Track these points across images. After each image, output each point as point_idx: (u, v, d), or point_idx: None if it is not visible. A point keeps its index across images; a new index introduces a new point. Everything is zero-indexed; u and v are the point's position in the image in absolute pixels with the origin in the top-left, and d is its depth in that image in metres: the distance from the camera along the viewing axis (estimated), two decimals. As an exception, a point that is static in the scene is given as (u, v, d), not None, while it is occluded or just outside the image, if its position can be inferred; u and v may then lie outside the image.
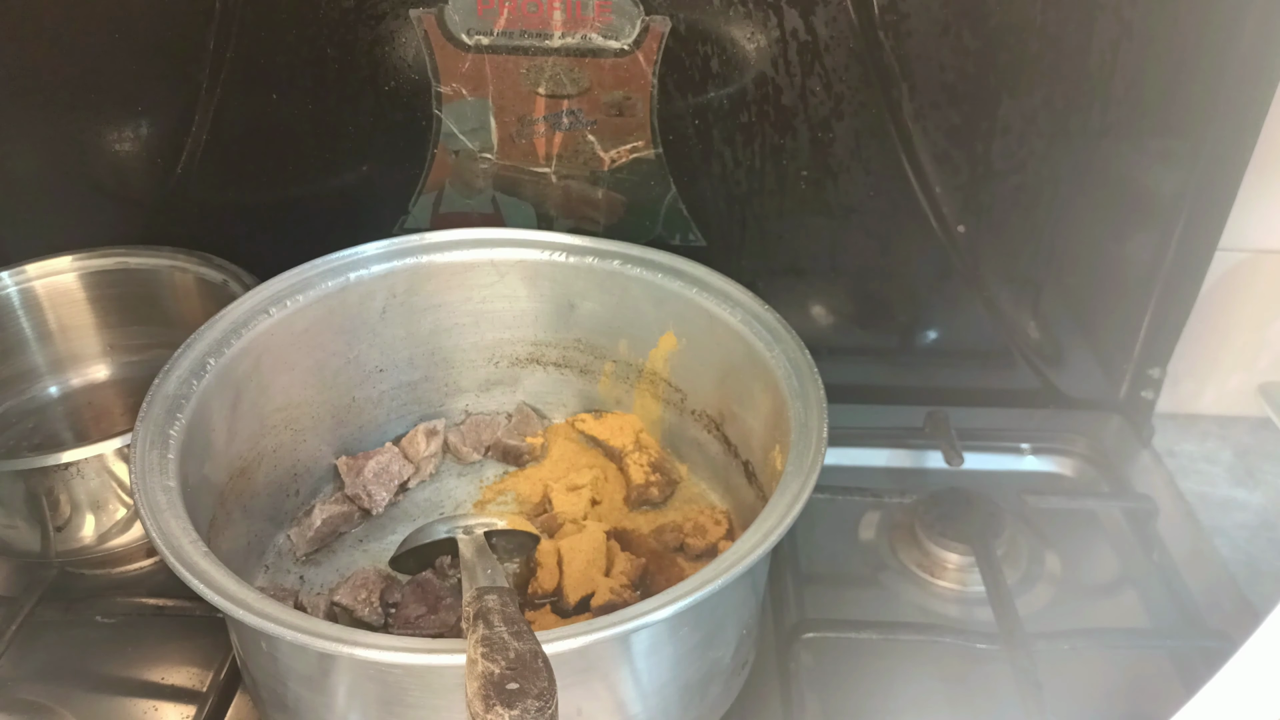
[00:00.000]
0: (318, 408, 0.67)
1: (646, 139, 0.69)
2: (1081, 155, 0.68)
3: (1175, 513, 0.72)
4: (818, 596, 0.65)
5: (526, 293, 0.70)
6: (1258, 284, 0.77)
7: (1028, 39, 0.63)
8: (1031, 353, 0.78)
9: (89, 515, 0.62)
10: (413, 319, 0.69)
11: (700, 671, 0.52)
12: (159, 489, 0.50)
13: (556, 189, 0.72)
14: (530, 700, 0.38)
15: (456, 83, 0.68)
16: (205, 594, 0.44)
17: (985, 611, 0.62)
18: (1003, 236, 0.72)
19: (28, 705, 0.59)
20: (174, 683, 0.60)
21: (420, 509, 0.69)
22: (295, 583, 0.63)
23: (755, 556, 0.46)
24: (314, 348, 0.65)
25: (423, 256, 0.68)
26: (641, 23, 0.64)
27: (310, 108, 0.70)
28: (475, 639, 0.41)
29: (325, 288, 0.64)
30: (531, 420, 0.73)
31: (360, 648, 0.42)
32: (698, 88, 0.67)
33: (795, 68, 0.66)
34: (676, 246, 0.72)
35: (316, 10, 0.66)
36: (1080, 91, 0.65)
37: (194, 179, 0.73)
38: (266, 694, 0.52)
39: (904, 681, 0.60)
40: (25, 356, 0.77)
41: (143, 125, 0.72)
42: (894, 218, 0.71)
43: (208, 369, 0.58)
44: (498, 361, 0.73)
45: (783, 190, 0.71)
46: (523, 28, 0.65)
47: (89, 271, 0.76)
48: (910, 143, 0.68)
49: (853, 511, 0.72)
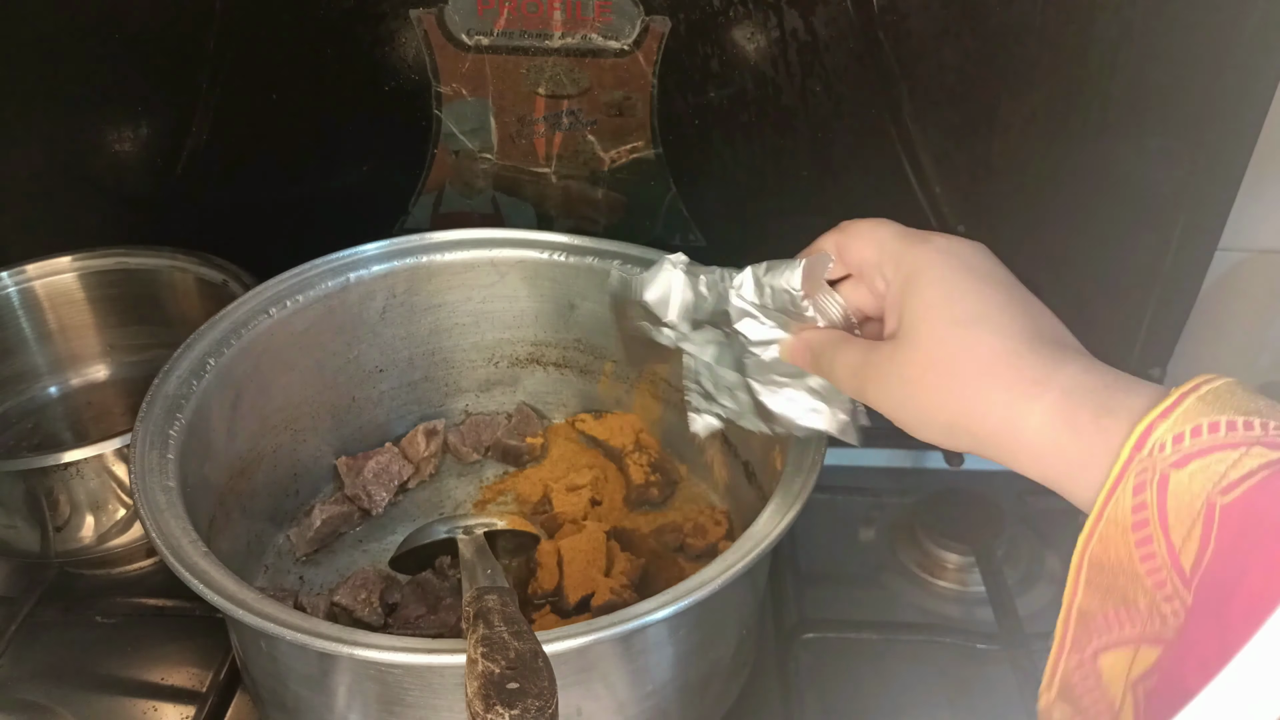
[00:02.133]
0: (318, 408, 0.67)
1: (646, 139, 0.69)
2: (1081, 155, 0.68)
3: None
4: (818, 596, 0.65)
5: (527, 293, 0.70)
6: (1258, 284, 0.77)
7: (1028, 39, 0.63)
8: (1031, 353, 0.78)
9: (89, 515, 0.62)
10: (413, 319, 0.69)
11: (700, 671, 0.52)
12: (159, 489, 0.50)
13: (556, 189, 0.72)
14: (531, 700, 0.38)
15: (456, 83, 0.68)
16: (205, 594, 0.44)
17: (985, 611, 0.62)
18: (1003, 236, 0.72)
19: (28, 705, 0.59)
20: (174, 683, 0.60)
21: (420, 509, 0.69)
22: (295, 583, 0.63)
23: (755, 556, 0.46)
24: (314, 348, 0.65)
25: (423, 256, 0.68)
26: (641, 23, 0.64)
27: (310, 108, 0.70)
28: (475, 639, 0.41)
29: (325, 288, 0.64)
30: (531, 420, 0.73)
31: (360, 648, 0.42)
32: (698, 88, 0.67)
33: (795, 68, 0.66)
34: (676, 246, 0.72)
35: (316, 11, 0.65)
36: (1080, 91, 0.65)
37: (194, 179, 0.73)
38: (266, 694, 0.52)
39: (904, 681, 0.60)
40: (25, 356, 0.77)
41: (142, 125, 0.72)
42: (894, 218, 0.71)
43: (208, 369, 0.58)
44: (498, 361, 0.73)
45: (783, 190, 0.71)
46: (523, 28, 0.65)
47: (89, 271, 0.76)
48: (910, 143, 0.68)
49: (853, 511, 0.72)
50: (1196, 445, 0.33)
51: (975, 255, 0.42)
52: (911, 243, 0.43)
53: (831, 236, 0.47)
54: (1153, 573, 0.33)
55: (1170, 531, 0.33)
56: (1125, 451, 0.34)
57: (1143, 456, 0.34)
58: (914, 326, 0.40)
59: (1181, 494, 0.33)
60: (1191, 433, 0.33)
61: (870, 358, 0.42)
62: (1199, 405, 0.33)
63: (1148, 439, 0.34)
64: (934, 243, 0.42)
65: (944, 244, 0.42)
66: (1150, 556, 0.33)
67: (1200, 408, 0.33)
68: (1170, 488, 0.33)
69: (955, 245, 0.42)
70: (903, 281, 0.42)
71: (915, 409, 0.40)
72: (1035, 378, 0.37)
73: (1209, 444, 0.33)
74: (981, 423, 0.38)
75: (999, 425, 0.38)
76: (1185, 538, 0.32)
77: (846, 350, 0.44)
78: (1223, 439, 0.32)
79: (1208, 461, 0.32)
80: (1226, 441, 0.32)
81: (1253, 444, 0.32)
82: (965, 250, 0.42)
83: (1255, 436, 0.32)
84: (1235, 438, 0.32)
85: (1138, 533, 0.34)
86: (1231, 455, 0.32)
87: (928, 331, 0.40)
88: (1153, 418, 0.34)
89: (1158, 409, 0.34)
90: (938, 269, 0.41)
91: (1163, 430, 0.33)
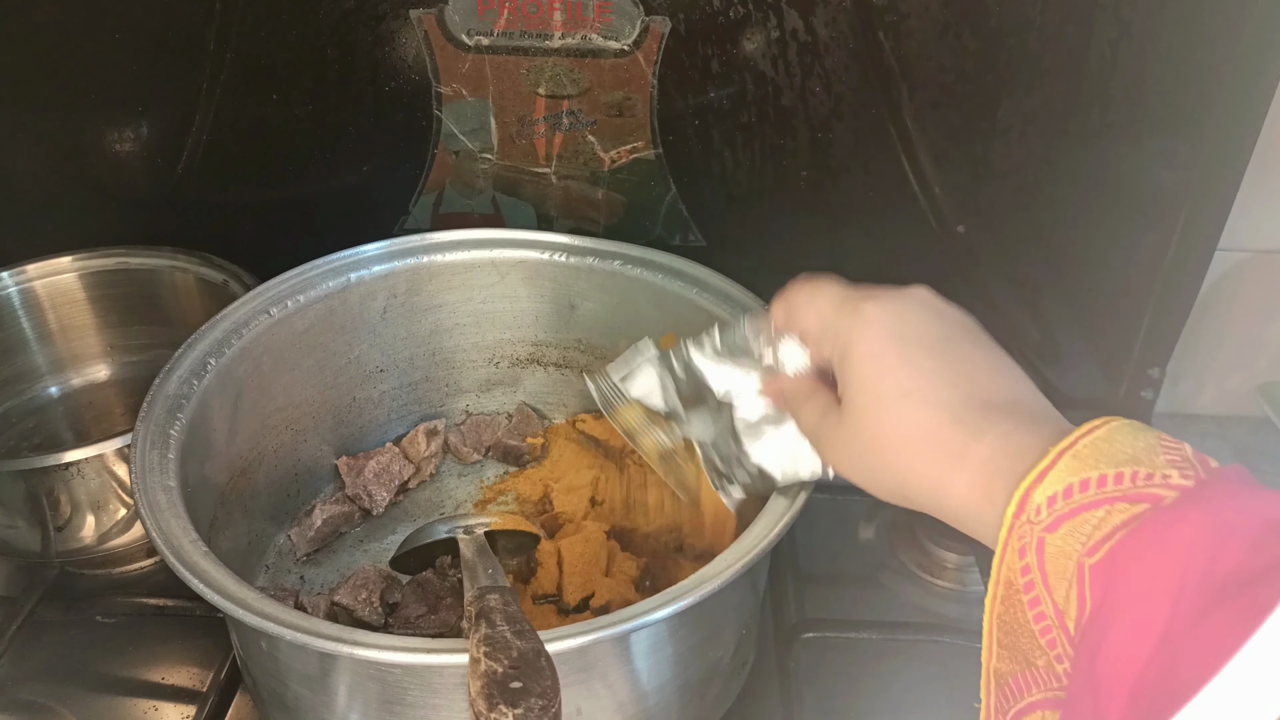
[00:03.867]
0: (318, 408, 0.67)
1: (646, 139, 0.69)
2: (1081, 155, 0.68)
3: (1175, 512, 0.72)
4: (818, 596, 0.65)
5: (527, 293, 0.70)
6: (1258, 284, 0.77)
7: (1027, 39, 0.63)
8: (1031, 353, 0.78)
9: (89, 515, 0.62)
10: (413, 319, 0.69)
11: (700, 671, 0.52)
12: (159, 489, 0.50)
13: (556, 189, 0.72)
14: (534, 699, 0.38)
15: (456, 83, 0.68)
16: (205, 594, 0.44)
17: (985, 611, 0.62)
18: (1002, 236, 0.72)
19: (28, 705, 0.59)
20: (174, 683, 0.60)
21: (420, 509, 0.69)
22: (295, 583, 0.63)
23: (755, 556, 0.46)
24: (315, 348, 0.65)
25: (423, 257, 0.68)
26: (641, 23, 0.64)
27: (310, 108, 0.70)
28: (478, 638, 0.41)
29: (326, 288, 0.64)
30: (532, 420, 0.73)
31: (360, 647, 0.42)
32: (698, 88, 0.67)
33: (795, 68, 0.66)
34: (676, 246, 0.72)
35: (317, 10, 0.66)
36: (1080, 91, 0.65)
37: (194, 179, 0.74)
38: (266, 694, 0.52)
39: (904, 681, 0.60)
40: (25, 356, 0.77)
41: (143, 125, 0.72)
42: (894, 218, 0.71)
43: (208, 369, 0.58)
44: (498, 362, 0.73)
45: (783, 190, 0.71)
46: (523, 28, 0.65)
47: (89, 271, 0.76)
48: (910, 143, 0.68)
49: (853, 511, 0.72)
50: (1068, 506, 0.33)
51: (908, 318, 0.42)
52: (845, 314, 0.43)
53: (779, 305, 0.48)
54: (1045, 633, 0.34)
55: (1053, 593, 0.34)
56: (1007, 518, 0.35)
57: (1022, 522, 0.34)
58: (851, 401, 0.42)
59: (1056, 556, 0.33)
60: (1064, 493, 0.34)
61: (824, 422, 0.44)
62: (1073, 463, 0.34)
63: (1026, 503, 0.34)
64: (865, 312, 0.42)
65: (876, 311, 0.42)
66: (1042, 617, 0.34)
67: (1074, 465, 0.34)
68: (1047, 551, 0.34)
69: (888, 311, 0.42)
70: (839, 357, 0.43)
71: (862, 477, 0.43)
72: (957, 450, 0.38)
73: (1079, 504, 0.33)
74: (916, 492, 0.40)
75: (930, 495, 0.39)
76: (1065, 599, 0.33)
77: (808, 407, 0.46)
78: (1091, 497, 0.33)
79: (1075, 523, 0.33)
80: (1094, 499, 0.33)
81: (1116, 500, 0.33)
82: (896, 314, 0.42)
83: (1122, 490, 0.33)
84: (1103, 494, 0.33)
85: (1028, 594, 0.34)
86: (1097, 514, 0.33)
87: (860, 408, 0.41)
88: (1029, 481, 0.34)
89: (1034, 471, 0.35)
90: (868, 343, 0.41)
91: (1039, 494, 0.34)
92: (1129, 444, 0.34)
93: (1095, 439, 0.35)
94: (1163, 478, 0.33)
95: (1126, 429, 0.35)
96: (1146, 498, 0.32)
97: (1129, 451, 0.34)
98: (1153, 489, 0.33)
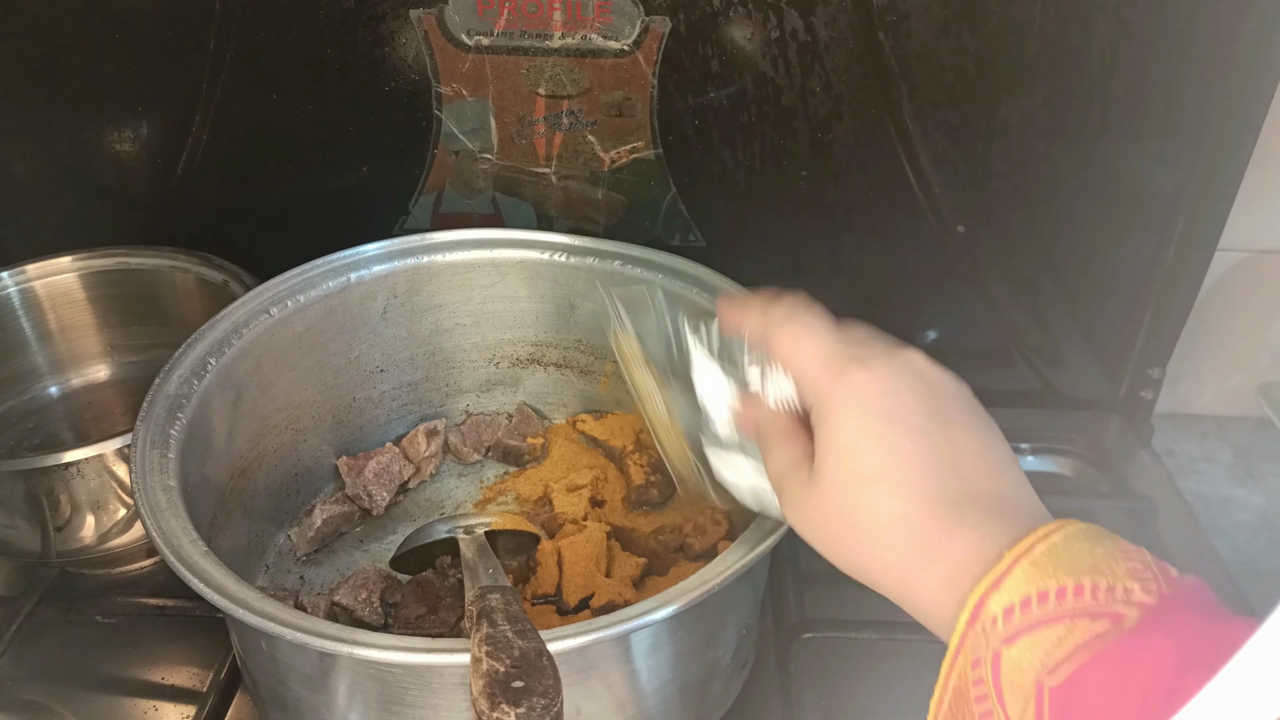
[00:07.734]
0: (318, 408, 0.67)
1: (646, 139, 0.69)
2: (1081, 155, 0.68)
3: (1175, 513, 0.72)
4: (818, 596, 0.65)
5: (527, 293, 0.70)
6: (1258, 284, 0.78)
7: (1027, 39, 0.64)
8: (1031, 353, 0.78)
9: (89, 515, 0.62)
10: (413, 319, 0.69)
11: (700, 671, 0.52)
12: (159, 489, 0.50)
13: (556, 189, 0.72)
14: (536, 698, 0.38)
15: (456, 83, 0.68)
16: (205, 593, 0.44)
17: (985, 611, 0.62)
18: (1002, 236, 0.72)
19: (28, 705, 0.59)
20: (174, 683, 0.60)
21: (421, 509, 0.69)
22: (295, 582, 0.63)
23: (755, 556, 0.46)
24: (315, 348, 0.65)
25: (423, 257, 0.68)
26: (641, 23, 0.64)
27: (310, 108, 0.70)
28: (479, 638, 0.41)
29: (326, 288, 0.64)
30: (532, 420, 0.73)
31: (360, 647, 0.42)
32: (698, 88, 0.67)
33: (795, 68, 0.66)
34: (676, 246, 0.72)
35: (317, 10, 0.66)
36: (1080, 91, 0.65)
37: (194, 179, 0.74)
38: (266, 694, 0.52)
39: (904, 681, 0.60)
40: (25, 356, 0.77)
41: (143, 125, 0.72)
42: (893, 218, 0.71)
43: (208, 369, 0.58)
44: (498, 362, 0.73)
45: (783, 190, 0.71)
46: (523, 28, 0.65)
47: (89, 271, 0.76)
48: (910, 143, 0.68)
49: (853, 511, 0.72)
50: (1026, 620, 0.32)
51: (896, 389, 0.39)
52: (831, 375, 0.40)
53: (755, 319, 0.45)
54: None
55: (1008, 708, 0.32)
56: (960, 625, 0.34)
57: (976, 631, 0.33)
58: (822, 471, 0.39)
59: (1013, 672, 0.32)
60: (1021, 605, 0.32)
61: (793, 474, 0.41)
62: (1031, 571, 0.33)
63: (981, 611, 0.33)
64: (852, 379, 0.39)
65: (863, 381, 0.39)
66: None
67: (1032, 573, 0.33)
68: (1003, 665, 0.32)
69: (875, 381, 0.39)
70: (817, 419, 0.40)
71: (822, 547, 0.40)
72: (930, 546, 0.36)
73: (1037, 618, 0.32)
74: (881, 580, 0.38)
75: (897, 586, 0.38)
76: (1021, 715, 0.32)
77: (779, 451, 0.43)
78: (1051, 611, 0.32)
79: (1035, 639, 0.32)
80: (1054, 614, 0.32)
81: (1078, 616, 0.32)
82: (884, 387, 0.39)
83: (1083, 606, 0.32)
84: (1063, 608, 0.32)
85: (979, 705, 0.33)
86: (1057, 630, 0.32)
87: (831, 481, 0.39)
88: (985, 588, 0.33)
89: (989, 576, 0.33)
90: (849, 414, 0.39)
91: (995, 603, 0.33)
92: (1088, 551, 0.33)
93: (1052, 545, 0.33)
94: (1124, 591, 0.32)
95: (1084, 535, 0.34)
96: (1108, 615, 0.32)
97: (1088, 560, 0.33)
98: (1114, 606, 0.32)
